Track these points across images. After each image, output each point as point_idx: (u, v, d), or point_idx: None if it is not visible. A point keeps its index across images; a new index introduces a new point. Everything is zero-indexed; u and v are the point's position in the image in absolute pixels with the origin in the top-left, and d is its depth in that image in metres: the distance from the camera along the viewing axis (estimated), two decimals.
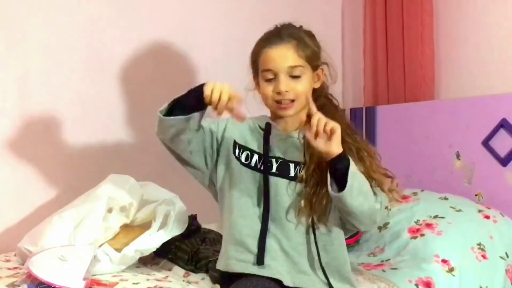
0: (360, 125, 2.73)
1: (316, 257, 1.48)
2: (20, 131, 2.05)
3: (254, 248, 1.47)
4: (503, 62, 2.31)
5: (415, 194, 2.25)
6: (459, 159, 2.33)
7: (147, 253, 1.73)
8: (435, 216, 2.02)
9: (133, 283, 1.53)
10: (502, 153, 2.17)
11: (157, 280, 1.59)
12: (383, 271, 1.76)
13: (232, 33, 2.55)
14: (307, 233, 1.49)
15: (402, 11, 2.63)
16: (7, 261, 1.79)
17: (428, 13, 2.54)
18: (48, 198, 2.10)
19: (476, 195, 2.25)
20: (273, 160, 1.53)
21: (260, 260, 1.46)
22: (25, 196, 2.05)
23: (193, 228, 1.92)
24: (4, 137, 2.02)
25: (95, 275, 1.63)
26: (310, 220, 1.47)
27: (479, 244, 1.91)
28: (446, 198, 2.16)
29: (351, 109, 2.81)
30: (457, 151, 2.33)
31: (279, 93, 1.49)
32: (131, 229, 1.83)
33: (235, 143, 1.57)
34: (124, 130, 2.30)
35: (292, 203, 1.49)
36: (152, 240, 1.71)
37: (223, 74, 2.51)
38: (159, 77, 2.38)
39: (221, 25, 2.55)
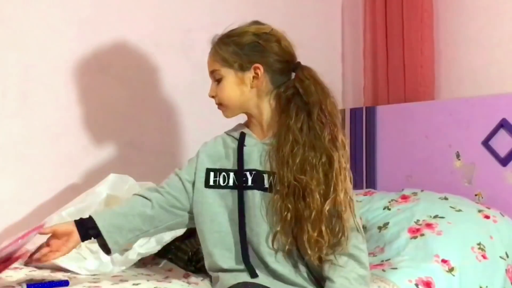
0: (360, 125, 2.73)
1: (303, 267, 1.46)
2: (20, 131, 2.05)
3: (242, 267, 1.46)
4: (503, 62, 2.31)
5: (415, 194, 2.25)
6: (459, 159, 2.33)
7: (149, 254, 1.73)
8: (435, 216, 2.02)
9: (133, 284, 1.53)
10: (502, 153, 2.17)
11: (157, 281, 1.59)
12: (383, 270, 1.76)
13: None
14: (290, 245, 1.44)
15: (402, 11, 2.63)
16: None
17: (428, 13, 2.54)
18: (48, 198, 2.10)
19: (476, 195, 2.25)
20: (248, 173, 1.49)
21: (253, 274, 1.45)
22: (25, 196, 2.05)
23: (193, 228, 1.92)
24: (4, 137, 2.02)
25: (96, 275, 1.63)
26: (289, 240, 1.42)
27: (479, 244, 1.90)
28: (446, 198, 2.16)
29: (351, 109, 2.81)
30: (457, 151, 2.33)
31: None
32: None
33: (208, 171, 1.54)
34: (124, 130, 2.30)
35: (266, 216, 1.44)
36: (154, 242, 1.71)
37: None
38: (159, 77, 2.38)
39: (221, 25, 2.54)
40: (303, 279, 1.46)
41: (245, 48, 1.50)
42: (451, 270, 1.79)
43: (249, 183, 1.48)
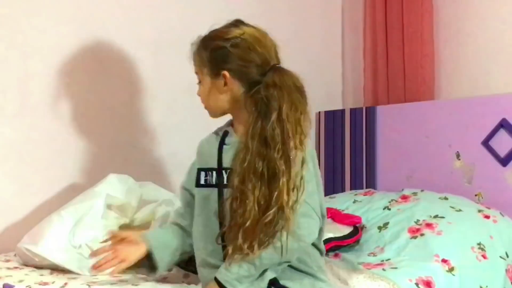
0: (360, 125, 2.73)
1: None
2: (20, 131, 2.05)
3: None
4: (503, 62, 2.31)
5: (415, 194, 2.25)
6: (459, 159, 2.33)
7: None
8: (435, 216, 2.02)
9: (133, 284, 1.53)
10: (502, 153, 2.17)
11: (157, 281, 1.59)
12: (383, 270, 1.76)
13: None
14: None
15: (402, 11, 2.63)
16: (7, 261, 1.79)
17: (428, 13, 2.54)
18: (48, 198, 2.09)
19: (476, 195, 2.25)
20: (224, 172, 1.48)
21: None
22: (25, 196, 2.05)
23: None
24: (4, 137, 2.02)
25: (95, 275, 1.62)
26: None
27: (479, 244, 1.91)
28: (446, 198, 2.16)
29: (351, 109, 2.81)
30: (457, 151, 2.33)
31: None
32: (131, 230, 1.82)
33: (199, 171, 1.55)
34: (124, 130, 2.30)
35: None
36: None
37: None
38: (159, 77, 2.38)
39: (221, 24, 2.55)
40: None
41: (214, 53, 1.49)
42: (451, 269, 1.79)
43: (225, 181, 1.47)
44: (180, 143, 2.45)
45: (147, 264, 1.54)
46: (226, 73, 1.47)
